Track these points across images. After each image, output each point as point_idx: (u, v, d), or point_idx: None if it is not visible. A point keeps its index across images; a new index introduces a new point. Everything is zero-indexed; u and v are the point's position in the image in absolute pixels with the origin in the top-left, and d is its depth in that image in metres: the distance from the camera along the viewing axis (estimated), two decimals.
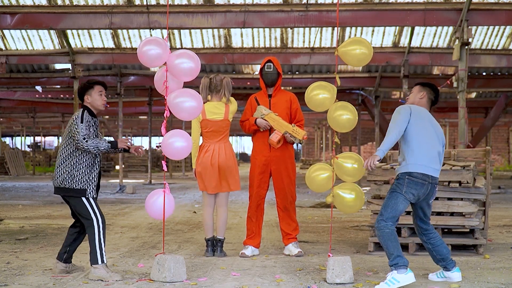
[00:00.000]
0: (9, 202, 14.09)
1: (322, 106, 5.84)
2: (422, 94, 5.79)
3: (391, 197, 5.52)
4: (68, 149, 5.79)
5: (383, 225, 5.45)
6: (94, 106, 5.91)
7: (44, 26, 13.47)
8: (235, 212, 11.69)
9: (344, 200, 5.80)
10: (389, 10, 12.59)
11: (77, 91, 6.03)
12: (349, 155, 5.85)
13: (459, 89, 11.93)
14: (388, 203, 5.51)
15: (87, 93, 5.91)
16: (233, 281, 5.64)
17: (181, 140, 5.73)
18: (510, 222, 10.16)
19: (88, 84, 5.94)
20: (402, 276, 5.31)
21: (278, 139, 6.91)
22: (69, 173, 5.73)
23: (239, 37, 16.12)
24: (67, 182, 5.72)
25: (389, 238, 5.42)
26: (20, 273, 5.98)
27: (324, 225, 9.85)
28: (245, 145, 65.66)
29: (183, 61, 5.70)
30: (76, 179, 5.71)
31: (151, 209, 5.72)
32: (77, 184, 5.71)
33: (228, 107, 6.95)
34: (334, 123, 5.81)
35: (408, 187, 5.49)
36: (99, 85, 5.95)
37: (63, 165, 5.77)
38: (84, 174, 5.74)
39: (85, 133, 5.67)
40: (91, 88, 5.92)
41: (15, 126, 43.17)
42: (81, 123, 5.70)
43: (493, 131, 35.89)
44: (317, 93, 5.82)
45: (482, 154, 7.64)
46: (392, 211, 5.48)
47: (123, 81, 19.14)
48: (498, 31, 15.93)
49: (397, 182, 5.56)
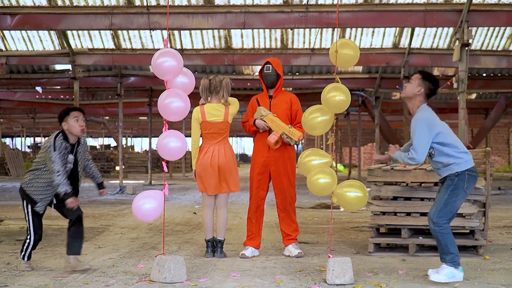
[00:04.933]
0: (9, 202, 14.08)
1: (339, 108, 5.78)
2: (420, 89, 5.70)
3: (452, 195, 5.58)
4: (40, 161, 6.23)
5: (443, 223, 5.58)
6: (71, 131, 6.23)
7: (44, 27, 13.48)
8: (235, 213, 11.69)
9: (347, 197, 5.76)
10: (389, 11, 12.59)
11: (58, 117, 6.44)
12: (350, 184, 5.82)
13: (459, 90, 11.92)
14: (449, 200, 5.59)
15: (64, 120, 6.23)
16: (233, 282, 5.63)
17: (176, 141, 5.71)
18: (510, 223, 10.16)
19: (64, 112, 6.27)
20: (457, 273, 5.54)
21: (275, 140, 6.91)
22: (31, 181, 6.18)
23: (239, 38, 16.12)
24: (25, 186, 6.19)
25: (448, 238, 5.59)
26: (20, 273, 5.98)
27: (324, 226, 9.85)
28: (245, 146, 65.67)
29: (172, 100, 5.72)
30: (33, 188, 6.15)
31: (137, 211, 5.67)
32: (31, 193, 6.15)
33: (228, 109, 6.95)
34: (327, 104, 5.77)
35: (468, 183, 5.62)
36: (75, 111, 6.27)
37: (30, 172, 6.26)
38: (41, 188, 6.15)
39: (59, 168, 6.01)
40: (67, 115, 6.22)
41: (15, 126, 43.18)
42: (53, 151, 6.05)
43: (493, 132, 35.88)
44: (334, 95, 5.72)
45: (482, 155, 7.64)
46: (452, 208, 5.62)
47: (123, 82, 19.14)
48: (498, 32, 15.93)
49: (458, 179, 5.58)
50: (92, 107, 24.24)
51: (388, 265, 6.44)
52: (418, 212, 7.05)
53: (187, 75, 5.97)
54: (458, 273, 5.55)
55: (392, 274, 5.96)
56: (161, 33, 16.01)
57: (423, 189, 7.03)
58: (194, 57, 16.28)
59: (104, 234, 8.90)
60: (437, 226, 5.57)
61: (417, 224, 7.07)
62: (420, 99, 5.72)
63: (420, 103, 5.73)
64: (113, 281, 5.65)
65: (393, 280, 5.69)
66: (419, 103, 5.73)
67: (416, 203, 7.05)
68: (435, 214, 5.58)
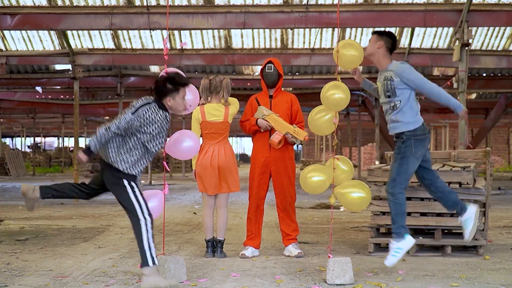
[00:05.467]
0: (9, 202, 14.08)
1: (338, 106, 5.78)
2: (380, 43, 5.95)
3: (402, 164, 5.78)
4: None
5: (398, 191, 5.77)
6: (174, 110, 5.47)
7: (44, 27, 13.48)
8: (235, 213, 11.69)
9: (351, 198, 5.73)
10: (389, 11, 12.59)
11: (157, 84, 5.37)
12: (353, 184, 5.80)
13: (459, 90, 11.92)
14: (400, 170, 5.77)
15: (169, 95, 5.38)
16: (233, 282, 5.63)
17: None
18: (510, 223, 10.16)
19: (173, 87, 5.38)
20: (403, 243, 5.74)
21: (279, 139, 6.91)
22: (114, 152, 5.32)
23: (239, 38, 16.12)
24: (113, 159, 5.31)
25: (400, 208, 5.78)
26: (20, 274, 5.98)
27: (324, 226, 9.84)
28: (245, 146, 65.68)
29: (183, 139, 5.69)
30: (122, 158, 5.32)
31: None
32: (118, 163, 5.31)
33: (228, 109, 6.95)
34: (326, 102, 5.75)
35: (416, 148, 5.80)
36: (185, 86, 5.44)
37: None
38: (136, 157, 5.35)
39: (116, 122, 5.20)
40: (176, 92, 5.39)
41: (15, 126, 43.19)
42: (131, 114, 5.24)
43: (493, 132, 35.88)
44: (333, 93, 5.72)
45: (482, 155, 7.64)
46: (406, 176, 5.80)
47: (123, 82, 19.13)
48: (498, 32, 15.92)
49: (404, 146, 5.79)
50: (92, 107, 24.25)
51: None
52: (418, 212, 7.05)
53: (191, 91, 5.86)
54: (404, 241, 5.73)
55: (392, 274, 5.96)
56: (161, 33, 16.00)
57: (423, 189, 7.01)
58: (194, 57, 16.29)
59: (104, 234, 8.90)
60: (392, 196, 5.78)
61: (417, 224, 7.07)
62: (383, 53, 5.96)
63: (386, 58, 5.97)
64: (113, 281, 5.65)
65: (393, 280, 5.69)
66: (384, 58, 5.97)
67: (416, 203, 7.04)
68: (390, 185, 5.80)
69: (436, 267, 6.30)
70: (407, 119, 5.87)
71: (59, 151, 39.22)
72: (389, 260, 5.76)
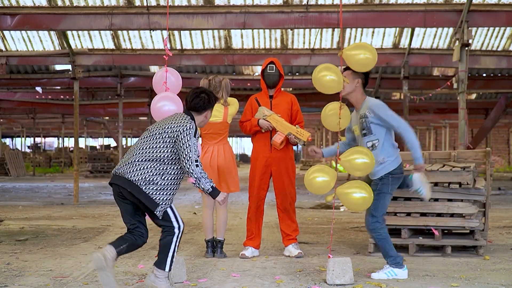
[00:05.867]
0: (9, 203, 14.08)
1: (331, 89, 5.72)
2: (357, 80, 5.93)
3: (379, 199, 5.80)
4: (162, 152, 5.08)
5: (379, 227, 5.82)
6: (199, 124, 5.34)
7: (44, 27, 13.47)
8: (235, 213, 11.69)
9: (353, 198, 5.71)
10: (389, 11, 12.58)
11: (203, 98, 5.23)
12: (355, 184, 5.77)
13: (459, 90, 11.92)
14: (377, 205, 5.79)
15: (208, 110, 5.31)
16: (233, 282, 5.63)
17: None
18: (510, 223, 10.16)
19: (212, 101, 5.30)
20: (400, 272, 5.78)
21: (281, 140, 6.90)
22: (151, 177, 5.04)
23: (239, 38, 16.11)
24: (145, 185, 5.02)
25: (386, 241, 5.84)
26: (20, 274, 5.98)
27: (324, 226, 9.84)
28: (245, 146, 65.62)
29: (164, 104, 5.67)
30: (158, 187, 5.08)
31: None
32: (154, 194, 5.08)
33: (227, 109, 6.95)
34: (318, 84, 5.69)
35: (392, 185, 5.85)
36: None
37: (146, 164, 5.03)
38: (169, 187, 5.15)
39: (197, 155, 5.05)
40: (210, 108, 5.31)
41: (15, 127, 43.17)
42: (194, 137, 5.04)
43: (493, 132, 35.86)
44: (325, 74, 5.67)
45: (482, 155, 7.64)
46: (382, 210, 5.84)
47: (123, 82, 19.12)
48: (498, 32, 15.92)
49: (381, 183, 5.81)
50: (92, 107, 24.23)
51: None
52: (418, 212, 7.05)
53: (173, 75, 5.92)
54: (402, 271, 5.79)
55: None
56: (161, 33, 16.00)
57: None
58: (194, 57, 16.28)
59: (104, 234, 8.90)
60: (375, 233, 5.83)
61: (417, 224, 7.07)
62: (361, 91, 5.96)
63: (362, 95, 5.97)
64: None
65: (393, 280, 5.68)
66: (361, 95, 5.97)
67: (416, 203, 7.04)
68: (370, 221, 5.84)
69: (436, 267, 6.30)
70: (388, 157, 5.79)
71: (59, 151, 39.19)
72: (379, 275, 5.76)
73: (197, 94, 5.29)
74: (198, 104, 5.26)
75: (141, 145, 5.13)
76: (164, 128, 5.12)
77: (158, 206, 5.07)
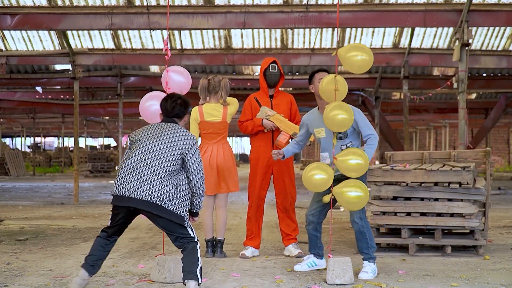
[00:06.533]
0: (9, 202, 14.08)
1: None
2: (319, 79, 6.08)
3: None
4: (172, 166, 5.06)
5: (365, 216, 5.98)
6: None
7: (44, 27, 13.47)
8: (235, 213, 11.69)
9: (348, 197, 5.70)
10: (389, 11, 12.59)
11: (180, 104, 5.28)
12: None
13: (459, 90, 11.92)
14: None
15: (187, 114, 5.40)
16: (233, 282, 5.63)
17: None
18: (510, 223, 10.16)
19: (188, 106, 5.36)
20: (375, 265, 5.93)
21: (286, 140, 6.89)
22: (169, 192, 4.99)
23: (239, 38, 16.12)
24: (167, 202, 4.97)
25: (370, 232, 6.00)
26: (20, 274, 5.98)
27: (324, 226, 9.80)
28: (245, 146, 65.61)
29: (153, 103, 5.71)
30: (178, 200, 5.03)
31: None
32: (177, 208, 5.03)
33: (226, 109, 6.95)
34: (329, 123, 5.70)
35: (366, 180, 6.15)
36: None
37: (164, 182, 5.00)
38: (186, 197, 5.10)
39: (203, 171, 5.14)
40: (189, 113, 5.43)
41: (15, 126, 43.17)
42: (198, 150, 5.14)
43: (493, 132, 35.87)
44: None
45: (482, 155, 7.64)
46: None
47: (123, 82, 19.13)
48: (498, 32, 15.93)
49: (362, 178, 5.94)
50: (92, 107, 24.22)
51: (388, 265, 6.44)
52: (418, 212, 7.05)
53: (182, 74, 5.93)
54: (375, 263, 5.97)
55: (392, 274, 5.96)
56: (161, 33, 16.01)
57: (423, 189, 7.02)
58: (194, 57, 16.29)
59: None
60: (363, 221, 5.93)
61: (417, 224, 7.07)
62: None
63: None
64: (113, 281, 5.65)
65: (393, 280, 5.69)
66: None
67: (416, 203, 7.05)
68: (358, 214, 5.93)
69: (436, 267, 6.30)
70: None
71: (59, 151, 39.21)
72: (366, 276, 5.78)
73: (176, 102, 5.32)
74: (180, 111, 5.32)
75: (147, 161, 5.07)
76: (169, 142, 5.10)
77: (185, 219, 5.07)
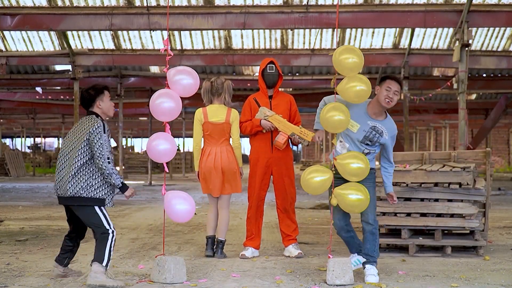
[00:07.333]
0: (9, 203, 14.08)
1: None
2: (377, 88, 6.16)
3: (375, 193, 5.96)
4: (84, 157, 5.43)
5: (376, 226, 5.90)
6: (105, 113, 5.61)
7: (45, 27, 13.49)
8: (236, 213, 11.69)
9: (348, 200, 5.70)
10: (389, 11, 12.60)
11: (84, 96, 5.55)
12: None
13: (459, 91, 11.93)
14: (374, 198, 5.92)
15: (98, 98, 5.57)
16: (233, 282, 5.63)
17: (164, 143, 5.66)
18: (510, 223, 10.16)
19: (99, 89, 5.59)
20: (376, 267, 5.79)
21: (284, 140, 6.89)
22: (86, 182, 5.39)
23: (239, 38, 16.12)
24: (84, 191, 5.38)
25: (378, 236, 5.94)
26: (20, 274, 5.98)
27: (324, 226, 9.84)
28: (245, 146, 65.53)
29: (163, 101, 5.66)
30: (95, 187, 5.41)
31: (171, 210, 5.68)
32: (96, 193, 5.41)
33: (230, 111, 6.96)
34: (326, 124, 5.71)
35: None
36: (108, 90, 5.64)
37: (78, 175, 5.40)
38: (103, 182, 5.44)
39: (109, 153, 5.38)
40: (102, 93, 5.57)
41: (15, 127, 43.19)
42: (104, 134, 5.39)
43: (493, 133, 35.88)
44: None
45: (482, 155, 7.64)
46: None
47: (123, 82, 19.15)
48: (498, 32, 15.93)
49: (373, 177, 5.95)
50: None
51: (388, 265, 6.44)
52: (418, 213, 7.05)
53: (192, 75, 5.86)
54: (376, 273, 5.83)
55: (392, 275, 5.96)
56: (161, 34, 16.02)
57: (423, 189, 7.02)
58: (194, 57, 16.30)
59: None
60: (377, 224, 5.89)
61: (417, 225, 7.07)
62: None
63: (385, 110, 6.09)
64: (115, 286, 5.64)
65: (393, 280, 5.68)
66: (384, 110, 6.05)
67: (416, 203, 7.05)
68: (373, 217, 5.86)
69: (436, 268, 6.30)
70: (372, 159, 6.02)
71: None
72: (374, 278, 5.70)
73: (82, 95, 5.63)
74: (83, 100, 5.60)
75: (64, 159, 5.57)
76: (78, 135, 5.50)
77: (106, 201, 5.45)
